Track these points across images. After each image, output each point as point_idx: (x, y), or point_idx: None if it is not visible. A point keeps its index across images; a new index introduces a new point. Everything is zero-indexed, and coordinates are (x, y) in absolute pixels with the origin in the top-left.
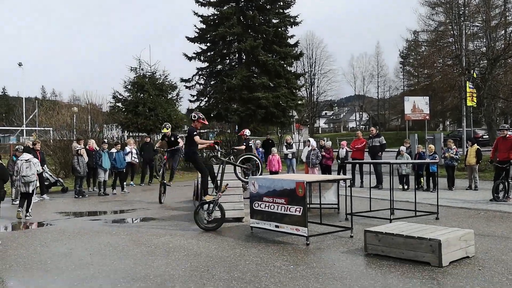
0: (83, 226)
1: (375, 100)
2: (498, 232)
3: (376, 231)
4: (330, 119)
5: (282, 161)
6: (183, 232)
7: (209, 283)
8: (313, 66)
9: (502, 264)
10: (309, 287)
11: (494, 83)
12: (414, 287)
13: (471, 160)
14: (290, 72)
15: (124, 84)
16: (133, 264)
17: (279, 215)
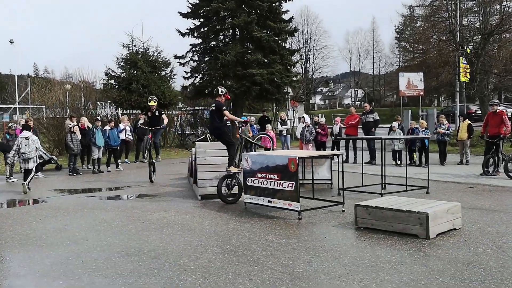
0: (77, 203)
1: (370, 77)
2: (485, 205)
3: (366, 205)
4: (325, 96)
5: (277, 137)
6: (177, 208)
7: (202, 256)
8: (308, 42)
9: (487, 236)
10: (299, 259)
11: (487, 59)
12: (402, 258)
13: (462, 135)
14: (285, 48)
15: (116, 61)
16: (127, 239)
17: (272, 191)
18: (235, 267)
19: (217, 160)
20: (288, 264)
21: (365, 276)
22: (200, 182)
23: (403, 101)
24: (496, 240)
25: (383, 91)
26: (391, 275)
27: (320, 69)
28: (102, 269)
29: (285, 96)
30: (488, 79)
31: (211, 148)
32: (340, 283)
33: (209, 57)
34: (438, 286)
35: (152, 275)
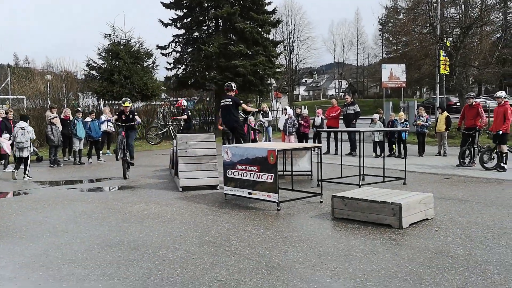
0: (58, 195)
1: (354, 68)
2: (459, 195)
3: (343, 196)
4: (310, 87)
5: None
6: (157, 200)
7: (181, 247)
8: (292, 33)
9: (458, 225)
10: (276, 249)
11: (466, 52)
12: (374, 247)
13: (440, 127)
14: (268, 39)
15: (98, 52)
16: (107, 231)
17: (251, 182)
18: (213, 257)
19: (198, 152)
20: (264, 254)
21: (338, 265)
22: (181, 174)
23: (386, 92)
24: (466, 229)
25: (366, 83)
26: (363, 264)
27: (304, 60)
28: (82, 260)
29: (268, 88)
30: (467, 71)
31: (192, 140)
32: (314, 271)
33: (192, 48)
34: (406, 273)
35: (131, 266)
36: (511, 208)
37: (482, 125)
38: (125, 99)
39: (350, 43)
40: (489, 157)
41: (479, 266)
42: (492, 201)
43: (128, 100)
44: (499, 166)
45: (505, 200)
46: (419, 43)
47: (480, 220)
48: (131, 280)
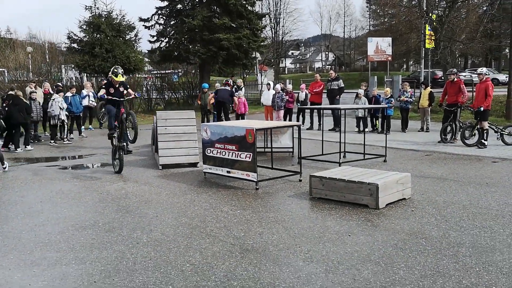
0: (36, 173)
1: (341, 40)
2: (438, 173)
3: (320, 176)
4: (296, 59)
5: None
6: (136, 178)
7: (156, 229)
8: (279, 5)
9: (434, 205)
10: (251, 231)
11: (451, 26)
12: (350, 228)
13: (423, 103)
14: (253, 12)
15: (79, 24)
16: (83, 212)
17: (230, 161)
18: (187, 239)
19: (178, 130)
20: (239, 236)
21: (312, 247)
22: (161, 152)
23: (372, 65)
24: (442, 209)
25: (353, 55)
26: (336, 246)
27: (291, 33)
28: (55, 243)
29: (253, 61)
30: (452, 46)
31: (172, 117)
32: (287, 254)
33: (175, 21)
34: (379, 256)
35: (104, 249)
36: (488, 187)
37: (464, 101)
38: (117, 69)
39: (337, 15)
40: (470, 133)
41: (452, 249)
42: (470, 179)
43: (121, 70)
44: (480, 142)
45: (483, 179)
46: (405, 16)
47: (456, 199)
48: (103, 264)
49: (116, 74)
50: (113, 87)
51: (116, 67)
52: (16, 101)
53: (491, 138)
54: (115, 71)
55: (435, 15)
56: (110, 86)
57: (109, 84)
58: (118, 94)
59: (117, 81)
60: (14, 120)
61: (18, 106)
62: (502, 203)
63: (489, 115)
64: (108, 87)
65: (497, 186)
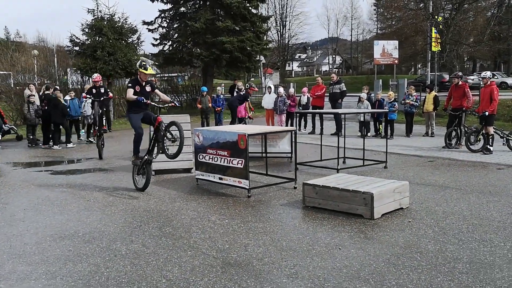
0: (26, 178)
1: (348, 44)
2: (440, 181)
3: (314, 184)
4: (303, 62)
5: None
6: (127, 184)
7: (137, 240)
8: (285, 8)
9: (432, 216)
10: (237, 243)
11: (457, 29)
12: (341, 240)
13: (428, 107)
14: (256, 15)
15: (81, 27)
16: (65, 220)
17: (222, 167)
18: (168, 252)
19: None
20: (224, 249)
21: (298, 262)
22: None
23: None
24: (440, 220)
25: (361, 59)
26: (325, 261)
27: (297, 36)
28: (29, 255)
29: (256, 64)
30: (458, 49)
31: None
32: (271, 269)
33: (178, 24)
34: (370, 272)
35: (79, 262)
36: (491, 196)
37: (469, 105)
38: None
39: (345, 18)
40: (476, 139)
41: (448, 264)
42: (473, 188)
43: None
44: (485, 148)
45: (487, 187)
46: (411, 19)
47: (457, 209)
48: (74, 279)
49: (145, 67)
50: (140, 85)
51: (143, 59)
52: (54, 101)
53: (497, 143)
54: (143, 64)
55: (441, 17)
56: (137, 83)
57: (136, 82)
58: (145, 94)
59: (148, 74)
60: (53, 120)
61: (56, 107)
62: (504, 213)
63: (494, 120)
64: (135, 85)
65: (500, 195)
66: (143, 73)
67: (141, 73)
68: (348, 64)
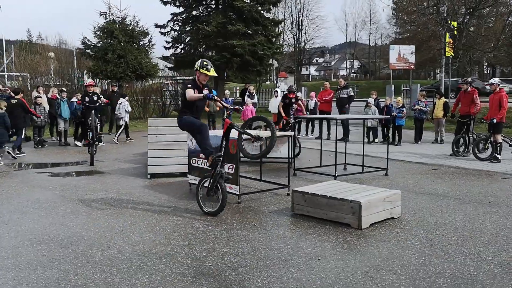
0: (23, 180)
1: (367, 48)
2: (439, 190)
3: (303, 191)
4: (321, 67)
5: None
6: (120, 188)
7: (115, 246)
8: (301, 12)
9: (423, 226)
10: (215, 251)
11: (470, 34)
12: (323, 250)
13: (438, 113)
14: (268, 19)
15: (93, 30)
16: (48, 224)
17: None
18: (143, 259)
19: (169, 137)
20: (200, 257)
21: (273, 273)
22: (150, 160)
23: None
24: (430, 231)
25: (379, 63)
26: (301, 272)
27: (313, 40)
28: (2, 259)
29: (267, 68)
30: (472, 54)
31: (163, 125)
32: (243, 280)
33: (190, 27)
34: (344, 285)
35: (50, 268)
36: (489, 206)
37: (476, 112)
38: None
39: (363, 22)
40: (484, 146)
41: (428, 279)
42: (473, 197)
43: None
44: (493, 157)
45: (487, 197)
46: (425, 23)
47: (451, 220)
48: (40, 286)
49: (207, 67)
50: (198, 88)
51: (204, 60)
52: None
53: (506, 152)
54: (205, 64)
55: (456, 22)
56: (195, 86)
57: (195, 84)
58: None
59: (210, 76)
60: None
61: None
62: (499, 225)
63: (503, 128)
64: (194, 87)
65: (499, 205)
66: (204, 74)
67: (202, 74)
68: (366, 68)
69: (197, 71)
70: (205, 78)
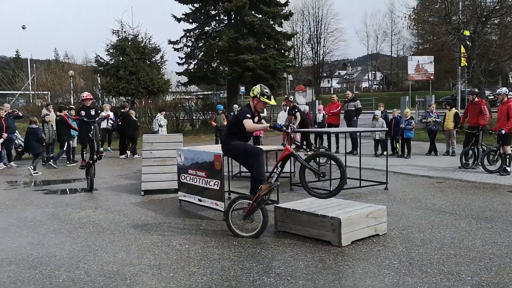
0: (18, 197)
1: (389, 59)
2: (437, 204)
3: (285, 208)
4: (343, 79)
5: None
6: (110, 205)
7: (83, 267)
8: (319, 25)
9: (407, 244)
10: (183, 271)
11: (483, 43)
12: (295, 270)
13: (449, 125)
14: (280, 32)
15: (106, 48)
16: (26, 243)
17: (201, 188)
18: (106, 280)
19: (163, 154)
20: (166, 277)
21: None
22: (144, 177)
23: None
24: (414, 249)
25: (401, 74)
26: None
27: (331, 53)
28: None
29: (280, 82)
30: (486, 64)
31: (158, 141)
32: None
33: (203, 43)
34: None
35: None
36: (485, 222)
37: (485, 123)
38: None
39: (384, 34)
40: (493, 159)
41: None
42: (470, 212)
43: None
44: (503, 169)
45: (485, 211)
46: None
47: (439, 236)
48: None
49: (268, 96)
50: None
51: (262, 86)
52: (128, 118)
53: None
54: (265, 92)
55: (468, 31)
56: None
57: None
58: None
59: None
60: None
61: (128, 123)
62: (489, 242)
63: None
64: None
65: (496, 221)
66: (263, 102)
67: (261, 103)
68: (389, 80)
69: (255, 98)
70: (263, 106)
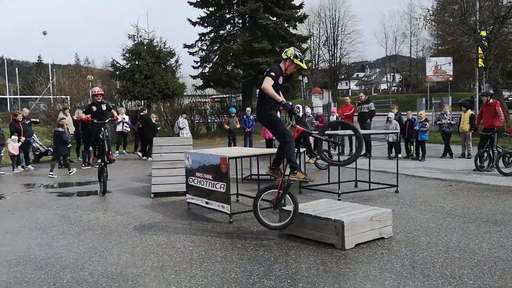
0: (32, 200)
1: (408, 61)
2: (447, 207)
3: (289, 210)
4: (361, 81)
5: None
6: (120, 207)
7: (88, 268)
8: (336, 26)
9: (412, 247)
10: (185, 273)
11: (501, 44)
12: (295, 273)
13: (464, 127)
14: (295, 35)
15: (122, 52)
16: (35, 245)
17: (208, 191)
18: (109, 281)
19: (173, 157)
20: (167, 279)
21: None
22: (154, 180)
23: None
24: (418, 253)
25: (420, 76)
26: None
27: (349, 55)
28: None
29: (295, 85)
30: (504, 64)
31: (168, 144)
32: None
33: (218, 46)
34: None
35: None
36: (494, 225)
37: (500, 125)
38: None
39: (403, 35)
40: (508, 161)
41: None
42: (479, 215)
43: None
44: None
45: (496, 214)
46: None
47: (445, 240)
48: None
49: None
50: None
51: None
52: (148, 121)
53: None
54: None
55: (486, 32)
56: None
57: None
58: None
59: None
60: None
61: (148, 126)
62: (496, 245)
63: None
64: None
65: (505, 224)
66: (296, 65)
67: (293, 65)
68: (408, 81)
69: (288, 60)
70: (294, 69)
